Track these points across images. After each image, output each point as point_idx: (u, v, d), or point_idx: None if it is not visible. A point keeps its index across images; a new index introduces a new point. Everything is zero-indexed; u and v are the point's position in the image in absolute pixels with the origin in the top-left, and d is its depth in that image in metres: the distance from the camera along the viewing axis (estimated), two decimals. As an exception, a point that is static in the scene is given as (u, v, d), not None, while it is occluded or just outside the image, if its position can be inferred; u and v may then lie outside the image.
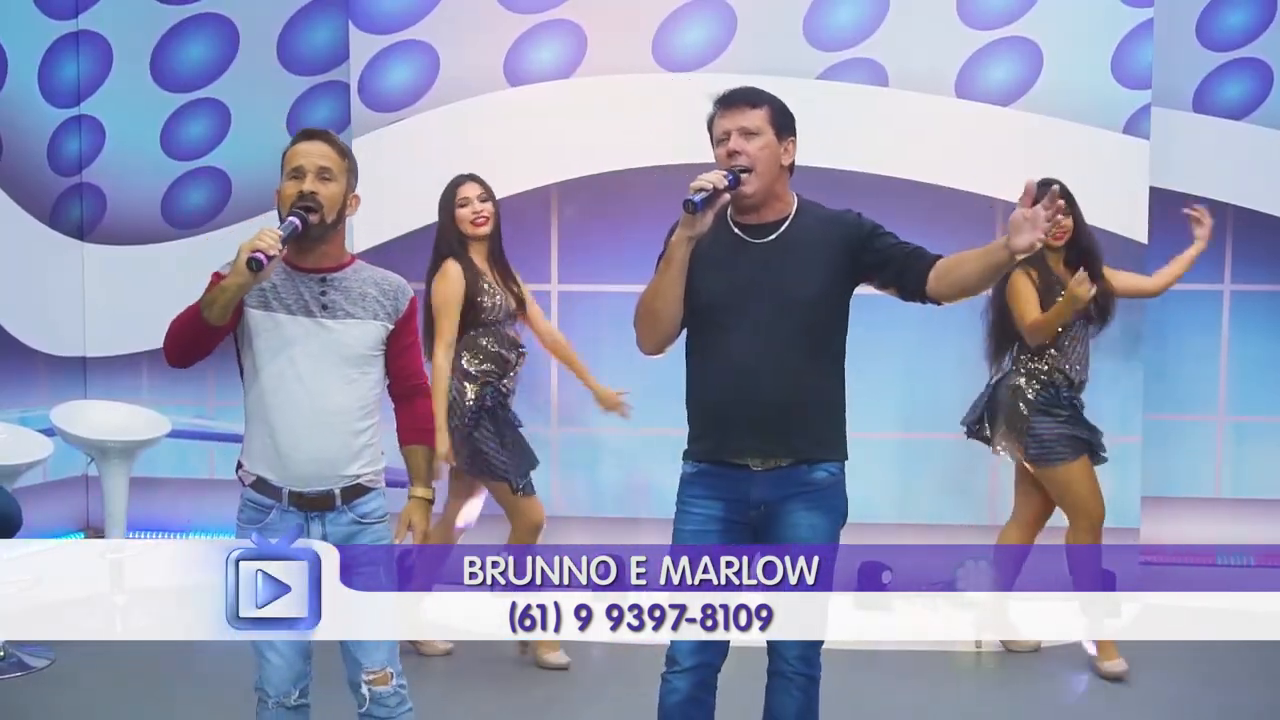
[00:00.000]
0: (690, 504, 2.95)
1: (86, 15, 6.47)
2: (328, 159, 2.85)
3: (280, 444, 2.81)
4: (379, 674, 2.87)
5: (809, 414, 2.89)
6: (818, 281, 2.88)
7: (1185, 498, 5.85)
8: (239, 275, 2.64)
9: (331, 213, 2.83)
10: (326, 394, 2.81)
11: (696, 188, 2.75)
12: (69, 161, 6.51)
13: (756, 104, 2.93)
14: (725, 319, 2.86)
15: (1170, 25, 5.69)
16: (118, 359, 6.57)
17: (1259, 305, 5.88)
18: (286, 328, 2.80)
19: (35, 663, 4.56)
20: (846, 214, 3.00)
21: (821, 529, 2.88)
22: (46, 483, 6.12)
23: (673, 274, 2.83)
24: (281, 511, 2.83)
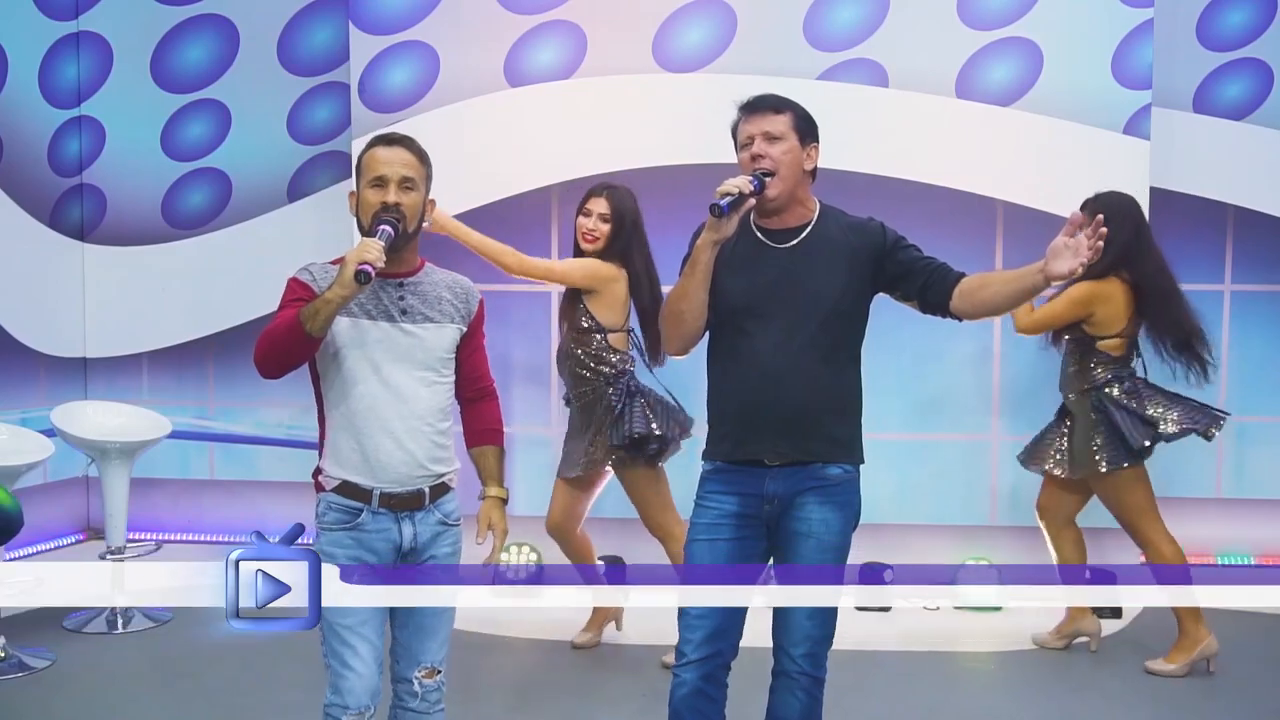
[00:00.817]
0: (707, 499, 2.98)
1: (87, 16, 6.47)
2: (410, 168, 2.84)
3: (368, 447, 2.82)
4: (430, 669, 2.92)
5: (828, 417, 2.92)
6: (839, 287, 2.92)
7: (1185, 498, 5.85)
8: (345, 288, 2.64)
9: (413, 221, 2.85)
10: (412, 397, 2.84)
11: (723, 192, 2.79)
12: (69, 162, 6.51)
13: (780, 110, 2.98)
14: (748, 322, 2.90)
15: (1170, 25, 5.69)
16: (118, 360, 6.57)
17: (1259, 305, 5.88)
18: (369, 333, 2.82)
19: (35, 663, 4.56)
20: (870, 223, 3.04)
21: (834, 524, 2.91)
22: (47, 484, 6.12)
23: (698, 277, 2.88)
24: (372, 513, 2.84)
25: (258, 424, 6.37)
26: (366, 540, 2.84)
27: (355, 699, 2.81)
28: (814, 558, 2.89)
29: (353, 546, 2.84)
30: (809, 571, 2.89)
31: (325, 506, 2.88)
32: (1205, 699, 4.28)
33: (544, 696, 4.34)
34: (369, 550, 2.84)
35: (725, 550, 2.92)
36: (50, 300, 6.42)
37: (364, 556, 2.84)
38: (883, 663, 4.71)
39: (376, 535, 2.84)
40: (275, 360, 2.77)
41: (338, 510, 2.86)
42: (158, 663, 4.68)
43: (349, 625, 2.81)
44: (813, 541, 2.89)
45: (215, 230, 6.48)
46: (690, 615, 2.93)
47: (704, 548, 2.94)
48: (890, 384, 5.48)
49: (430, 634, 2.92)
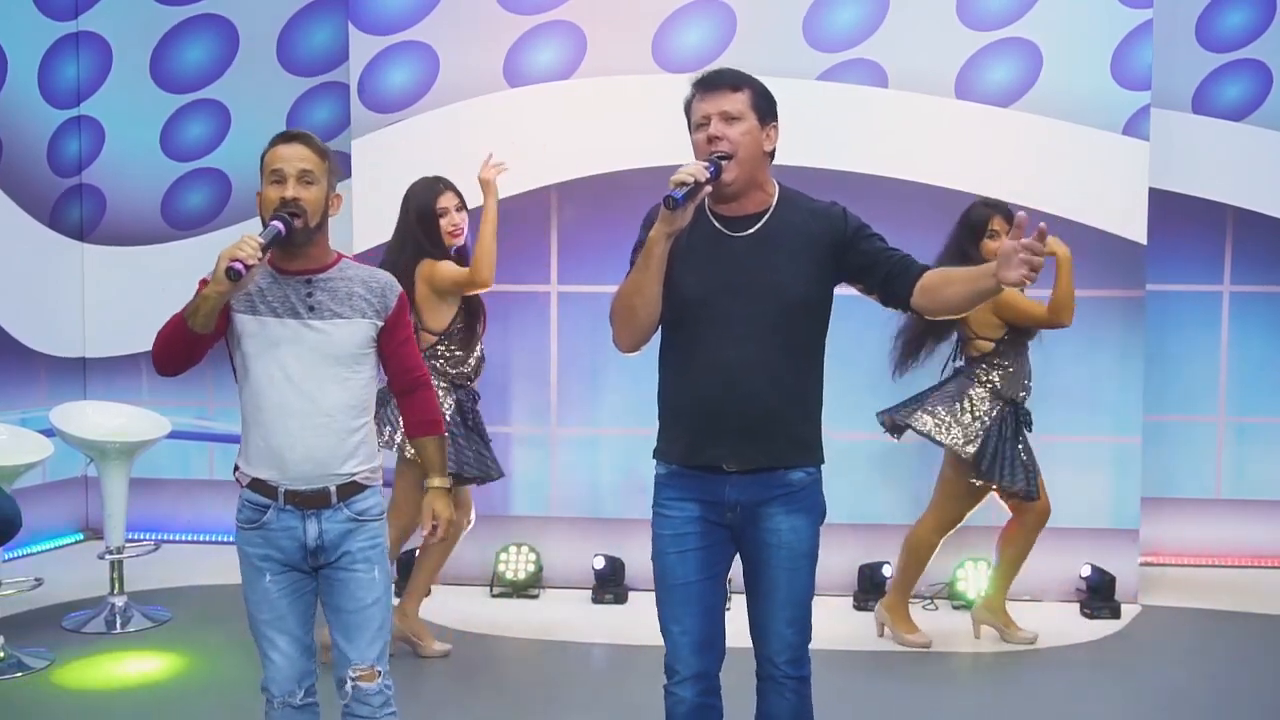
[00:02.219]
0: (667, 506, 2.85)
1: (86, 16, 6.47)
2: (308, 161, 2.81)
3: (274, 445, 2.81)
4: (366, 671, 2.85)
5: (788, 418, 2.78)
6: (799, 279, 2.75)
7: (1185, 498, 5.86)
8: (219, 284, 2.65)
9: (315, 216, 2.81)
10: (318, 394, 2.81)
11: (677, 181, 2.61)
12: (69, 162, 6.51)
13: (738, 87, 2.78)
14: (702, 316, 2.75)
15: (1170, 26, 5.70)
16: (117, 360, 6.57)
17: (1259, 306, 5.89)
18: (274, 330, 2.81)
19: (34, 663, 4.56)
20: (832, 208, 2.85)
21: (803, 530, 2.82)
22: (46, 484, 6.13)
23: (651, 271, 2.71)
24: (278, 510, 2.83)
25: (257, 424, 6.37)
26: (273, 538, 2.84)
27: (278, 686, 2.89)
28: (787, 566, 2.80)
29: (261, 545, 2.85)
30: (785, 581, 2.81)
31: (240, 504, 2.89)
32: (1205, 699, 4.28)
33: (544, 697, 4.33)
34: (275, 548, 2.84)
35: (696, 560, 2.81)
36: (50, 300, 6.42)
37: (272, 555, 2.84)
38: (882, 663, 4.71)
39: (282, 533, 2.83)
40: (167, 357, 2.82)
41: (249, 508, 2.87)
42: (156, 663, 4.67)
43: (266, 620, 2.86)
44: (784, 552, 2.79)
45: (215, 230, 6.47)
46: (674, 633, 2.84)
47: (674, 560, 2.82)
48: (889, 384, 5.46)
49: (356, 631, 2.86)
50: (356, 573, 2.85)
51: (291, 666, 2.88)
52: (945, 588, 5.44)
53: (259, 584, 2.86)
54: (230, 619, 5.15)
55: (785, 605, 2.83)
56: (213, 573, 5.90)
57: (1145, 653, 4.75)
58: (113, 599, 5.10)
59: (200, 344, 2.79)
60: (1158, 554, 5.92)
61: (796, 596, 2.83)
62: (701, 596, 2.82)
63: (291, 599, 2.87)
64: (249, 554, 2.87)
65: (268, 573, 2.85)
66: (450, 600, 5.40)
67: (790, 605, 2.83)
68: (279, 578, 2.86)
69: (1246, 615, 5.29)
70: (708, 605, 2.84)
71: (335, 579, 2.86)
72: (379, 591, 2.88)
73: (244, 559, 2.89)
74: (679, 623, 2.83)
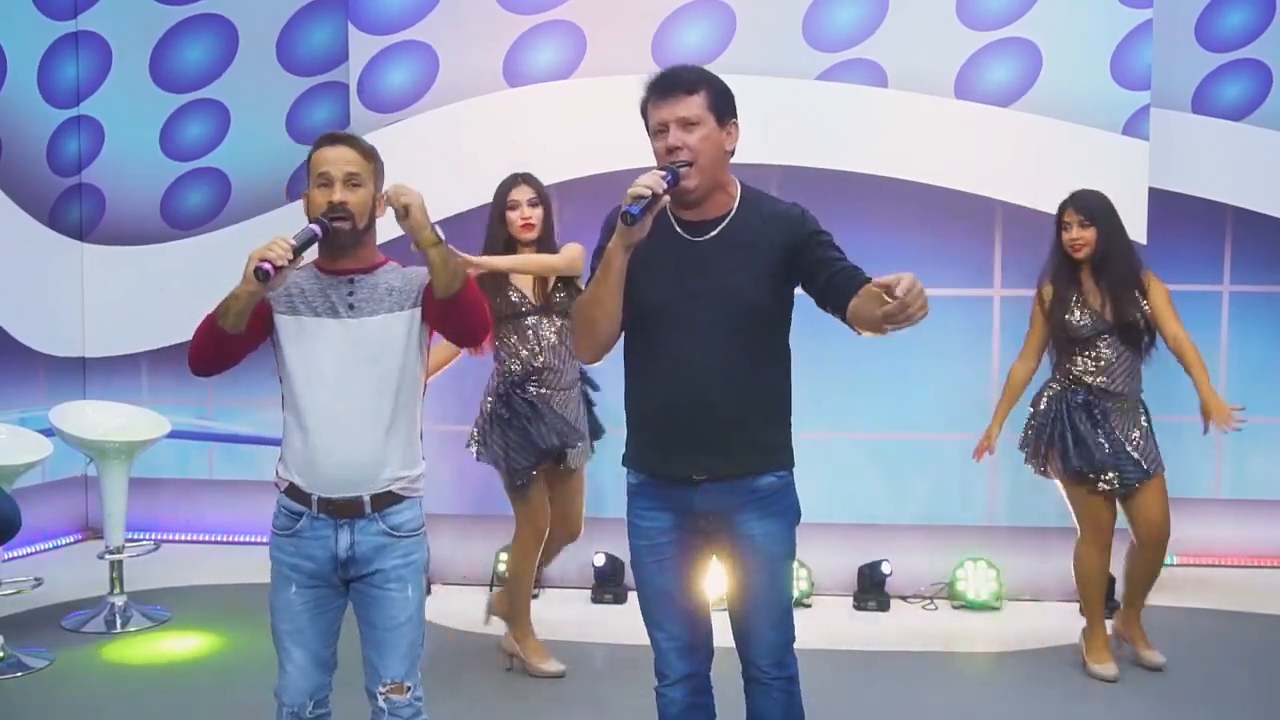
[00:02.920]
0: (641, 516, 2.83)
1: (86, 16, 6.47)
2: (354, 164, 2.80)
3: (311, 448, 2.78)
4: (394, 685, 2.83)
5: (753, 424, 2.74)
6: (762, 282, 2.70)
7: (1185, 498, 5.85)
8: (247, 283, 2.64)
9: (363, 218, 2.80)
10: (356, 396, 2.77)
11: (634, 195, 2.56)
12: (68, 162, 6.51)
13: (694, 89, 2.68)
14: (664, 322, 2.71)
15: (1169, 26, 5.70)
16: (117, 359, 6.57)
17: (1258, 306, 5.88)
18: (313, 330, 2.78)
19: (34, 663, 4.56)
20: (792, 210, 2.79)
21: (778, 534, 2.78)
22: (45, 483, 6.13)
23: (611, 283, 2.67)
24: (311, 519, 2.80)
25: (257, 424, 6.37)
26: (304, 547, 2.80)
27: (290, 696, 2.86)
28: (765, 570, 2.77)
29: (292, 554, 2.82)
30: (763, 586, 2.78)
31: (277, 509, 2.87)
32: (1205, 699, 4.28)
33: (544, 696, 4.33)
34: (306, 558, 2.80)
35: (674, 568, 2.80)
36: (49, 300, 6.42)
37: (302, 565, 2.81)
38: (883, 663, 4.71)
39: (314, 542, 2.80)
40: (202, 357, 2.80)
41: (284, 515, 2.84)
42: (156, 662, 4.67)
43: (286, 630, 2.83)
44: (761, 557, 2.76)
45: (214, 230, 6.48)
46: (659, 640, 2.84)
47: (652, 569, 2.81)
48: (888, 384, 5.48)
49: (388, 649, 2.83)
50: (389, 591, 2.82)
51: (305, 679, 2.85)
52: (945, 588, 5.45)
53: (284, 593, 2.83)
54: (230, 619, 5.17)
55: (766, 609, 2.81)
56: (212, 573, 5.91)
57: (1145, 652, 4.75)
58: (112, 599, 5.10)
59: (233, 344, 2.76)
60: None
61: (776, 599, 2.82)
62: (682, 603, 2.83)
63: (314, 614, 2.84)
64: (279, 561, 2.84)
65: (294, 584, 2.82)
66: (450, 600, 5.40)
67: (771, 608, 2.81)
68: (305, 591, 2.82)
69: (1247, 615, 5.29)
70: (690, 610, 2.84)
71: (368, 595, 2.83)
72: (411, 609, 2.84)
73: (274, 566, 2.86)
74: (662, 629, 2.84)
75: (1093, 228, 4.38)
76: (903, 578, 5.44)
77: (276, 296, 2.78)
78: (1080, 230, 4.40)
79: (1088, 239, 4.39)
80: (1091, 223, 4.38)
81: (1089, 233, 4.38)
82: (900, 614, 5.33)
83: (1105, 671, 4.44)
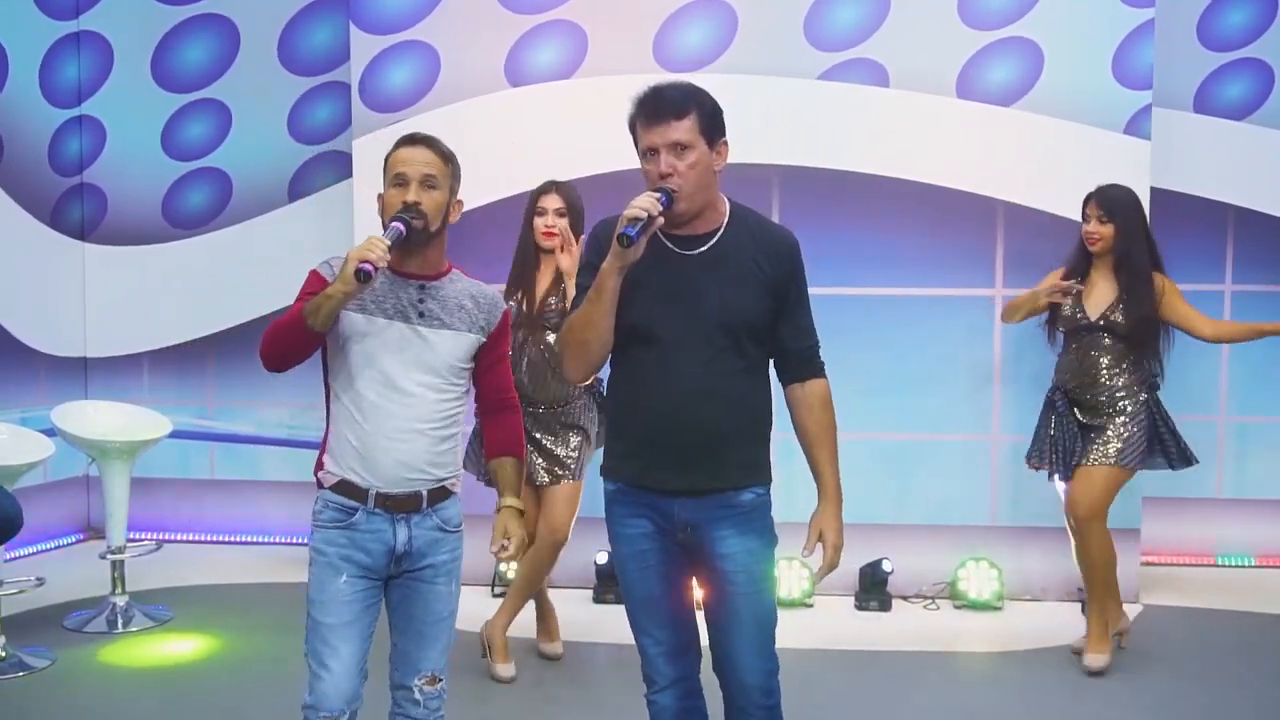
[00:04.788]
0: (622, 523, 2.83)
1: (87, 15, 6.47)
2: (432, 166, 2.82)
3: (369, 447, 2.78)
4: (430, 677, 2.88)
5: (736, 441, 2.74)
6: (749, 299, 2.72)
7: (1185, 498, 5.86)
8: (346, 284, 2.62)
9: (436, 220, 2.81)
10: (418, 401, 2.79)
11: (630, 217, 2.57)
12: (70, 162, 6.51)
13: (683, 113, 2.66)
14: (651, 337, 2.70)
15: (1171, 26, 5.69)
16: (118, 359, 6.58)
17: (1259, 305, 5.88)
18: (384, 332, 2.78)
19: (36, 663, 4.56)
20: (786, 240, 2.81)
21: (758, 552, 2.76)
22: (47, 483, 6.13)
23: (604, 305, 2.66)
24: (367, 513, 2.79)
25: (258, 424, 6.37)
26: (360, 540, 2.80)
27: (328, 702, 2.77)
28: (746, 590, 2.74)
29: (345, 545, 2.80)
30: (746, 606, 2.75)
31: (323, 504, 2.84)
32: (1205, 700, 4.28)
33: (545, 697, 4.34)
34: (361, 550, 2.80)
35: (656, 574, 2.79)
36: (51, 300, 6.42)
37: (355, 556, 2.80)
38: (883, 663, 4.71)
39: (370, 536, 2.80)
40: (279, 353, 2.75)
41: (334, 509, 2.82)
42: (157, 662, 4.68)
43: (331, 625, 2.78)
44: (742, 576, 2.73)
45: (216, 230, 6.49)
46: (646, 645, 2.83)
47: (635, 575, 2.81)
48: (889, 384, 5.47)
49: (430, 641, 2.87)
50: (437, 586, 2.86)
51: (347, 681, 2.78)
52: (947, 587, 5.45)
53: (332, 584, 2.78)
54: (232, 619, 5.17)
55: (750, 632, 2.77)
56: (214, 572, 5.91)
57: (1146, 652, 4.74)
58: (114, 598, 5.10)
59: (315, 341, 2.74)
60: (1159, 554, 5.92)
61: (760, 621, 2.78)
62: (669, 607, 2.82)
63: (362, 607, 2.81)
64: (327, 553, 2.80)
65: (345, 573, 2.79)
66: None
67: (754, 631, 2.77)
68: (356, 580, 2.80)
69: (1247, 615, 5.29)
70: (676, 614, 2.83)
71: (414, 589, 2.85)
72: (454, 605, 2.91)
73: (319, 558, 2.81)
74: (649, 634, 2.83)
75: (1111, 224, 4.39)
76: (904, 577, 5.44)
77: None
78: (1099, 225, 4.41)
79: (1105, 234, 4.40)
80: (1110, 219, 4.39)
81: (1106, 228, 4.40)
82: (902, 614, 5.33)
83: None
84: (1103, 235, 4.40)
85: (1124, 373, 4.44)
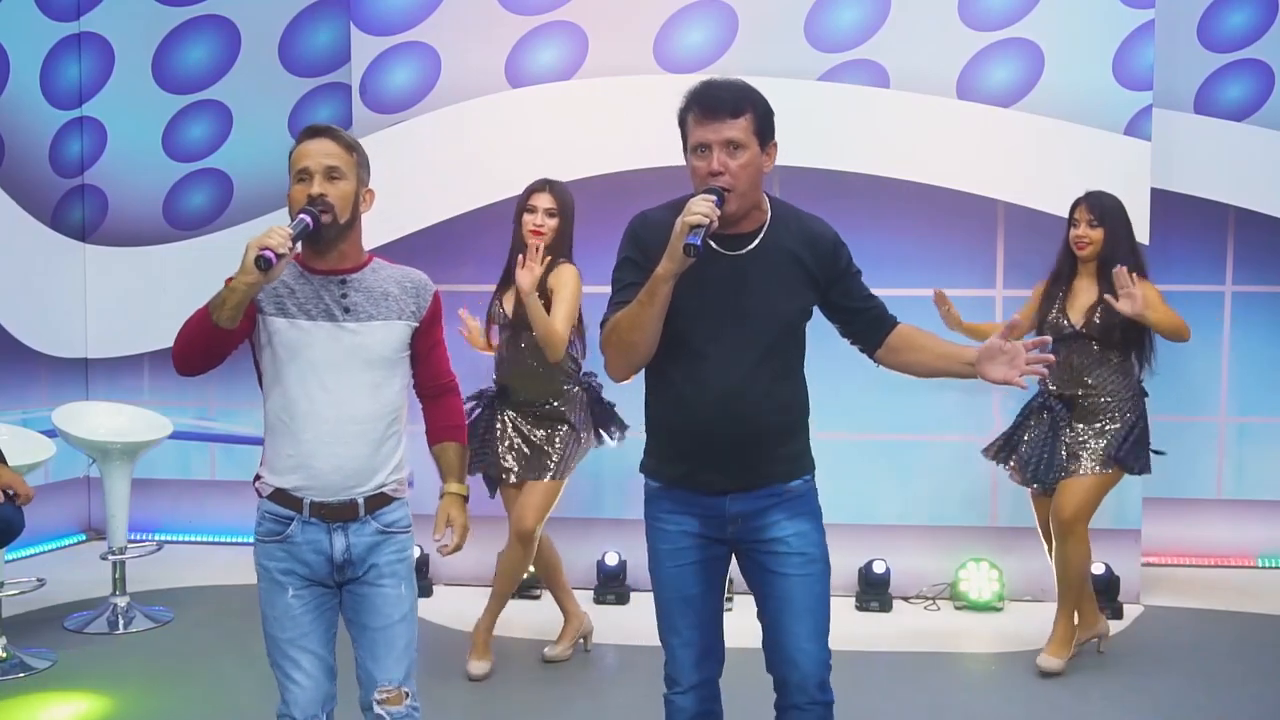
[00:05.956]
0: (663, 520, 2.79)
1: (88, 17, 6.48)
2: (334, 157, 2.72)
3: (303, 454, 2.70)
4: (393, 693, 2.74)
5: (781, 437, 2.74)
6: (793, 297, 2.71)
7: (1185, 499, 5.86)
8: (247, 274, 2.50)
9: (345, 212, 2.71)
10: (350, 401, 2.70)
11: (693, 224, 2.50)
12: (71, 163, 6.52)
13: (739, 111, 2.66)
14: (694, 335, 2.68)
15: (1171, 27, 5.70)
16: (119, 360, 6.58)
17: (1260, 306, 5.88)
18: (308, 333, 2.69)
19: (37, 664, 4.57)
20: (825, 234, 2.78)
21: (810, 534, 2.75)
22: (48, 484, 6.13)
23: (656, 309, 2.61)
24: (303, 523, 2.71)
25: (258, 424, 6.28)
26: (297, 552, 2.71)
27: (301, 710, 2.73)
28: (802, 571, 2.72)
29: (284, 559, 2.72)
30: (800, 590, 2.72)
31: (260, 516, 2.76)
32: (1205, 700, 4.28)
33: (545, 697, 4.34)
34: (300, 562, 2.72)
35: (694, 573, 2.75)
36: (52, 301, 6.43)
37: (296, 569, 2.72)
38: (883, 663, 4.71)
39: (306, 547, 2.71)
40: (189, 356, 2.64)
41: (270, 520, 2.74)
42: (158, 663, 4.68)
43: (288, 639, 2.73)
44: (795, 558, 2.72)
45: (216, 231, 6.49)
46: (674, 645, 2.80)
47: (672, 573, 2.77)
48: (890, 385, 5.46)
49: (383, 649, 2.74)
50: (383, 588, 2.75)
51: (316, 689, 2.74)
52: (947, 588, 5.45)
53: (280, 600, 2.72)
54: (232, 619, 5.17)
55: (803, 616, 2.73)
56: (214, 573, 5.91)
57: (1147, 653, 4.75)
58: (115, 599, 5.10)
59: (225, 342, 2.61)
60: (1159, 554, 5.92)
61: (812, 605, 2.74)
62: (701, 608, 2.79)
63: (315, 615, 2.74)
64: (269, 568, 2.74)
65: (290, 588, 2.72)
66: (450, 601, 5.41)
67: (808, 615, 2.73)
68: (302, 592, 2.73)
69: (1247, 615, 5.29)
70: (707, 616, 2.80)
71: (361, 594, 2.75)
72: (406, 608, 2.78)
73: (263, 574, 2.75)
74: (679, 635, 2.80)
75: (1101, 229, 4.39)
76: (905, 578, 5.44)
77: (265, 297, 2.69)
78: (1088, 229, 4.41)
79: (1094, 239, 4.40)
80: (1100, 223, 4.39)
81: (1097, 233, 4.39)
82: (902, 614, 5.33)
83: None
84: (1093, 240, 4.40)
85: (1110, 378, 4.43)
